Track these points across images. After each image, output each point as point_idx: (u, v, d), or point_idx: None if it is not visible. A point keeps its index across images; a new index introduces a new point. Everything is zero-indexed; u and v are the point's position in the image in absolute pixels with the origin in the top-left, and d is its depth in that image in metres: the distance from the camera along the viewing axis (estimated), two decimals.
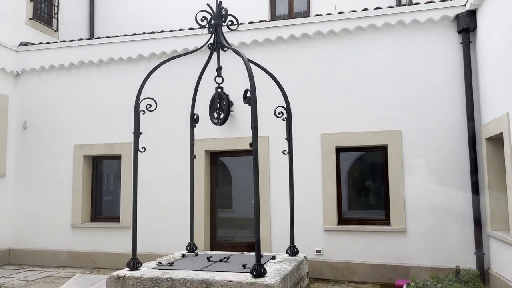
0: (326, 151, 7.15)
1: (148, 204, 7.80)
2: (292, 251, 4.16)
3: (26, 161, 8.77)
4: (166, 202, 7.78)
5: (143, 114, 3.73)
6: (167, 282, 3.25)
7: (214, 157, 7.96)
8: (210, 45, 4.03)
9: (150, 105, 3.73)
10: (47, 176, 8.58)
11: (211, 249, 7.76)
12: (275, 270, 3.43)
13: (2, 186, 8.54)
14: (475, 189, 6.38)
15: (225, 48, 3.98)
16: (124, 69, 8.33)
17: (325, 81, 7.25)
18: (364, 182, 7.49)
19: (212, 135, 7.60)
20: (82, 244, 8.22)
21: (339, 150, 7.27)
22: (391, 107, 6.90)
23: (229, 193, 8.33)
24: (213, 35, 4.01)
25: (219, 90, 4.00)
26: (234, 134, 7.57)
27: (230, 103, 7.37)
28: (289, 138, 4.33)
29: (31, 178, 8.68)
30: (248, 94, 3.45)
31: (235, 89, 6.78)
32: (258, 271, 3.17)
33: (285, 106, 4.32)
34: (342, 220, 7.17)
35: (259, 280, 3.09)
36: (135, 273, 3.40)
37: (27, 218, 8.61)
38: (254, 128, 3.29)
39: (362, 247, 6.86)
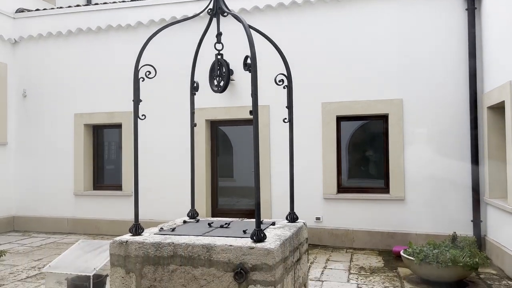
0: (327, 120, 7.15)
1: (149, 173, 7.87)
2: (292, 217, 4.22)
3: (27, 130, 8.79)
4: (168, 170, 7.84)
5: (142, 81, 3.69)
6: (169, 247, 3.32)
7: (215, 126, 7.96)
8: (209, 11, 3.95)
9: (150, 72, 3.69)
10: (49, 145, 8.63)
11: (213, 217, 7.89)
12: (274, 235, 3.49)
13: (4, 155, 8.60)
14: (475, 158, 6.41)
15: (225, 14, 3.89)
16: (123, 36, 8.21)
17: (326, 49, 7.16)
18: (364, 151, 7.52)
19: (212, 104, 7.57)
20: (86, 211, 8.35)
21: (339, 119, 7.26)
22: (393, 75, 6.84)
23: (230, 162, 8.38)
24: (212, 0, 3.92)
25: (219, 57, 3.94)
26: (234, 103, 7.54)
27: (230, 72, 7.37)
28: (290, 106, 4.29)
29: (32, 147, 8.73)
30: (248, 61, 3.40)
31: (235, 57, 6.69)
32: (258, 236, 3.22)
33: (286, 74, 4.26)
34: (341, 188, 7.25)
35: (259, 245, 3.14)
36: (137, 238, 3.46)
37: (30, 186, 8.72)
38: (255, 95, 3.27)
39: (361, 215, 6.96)
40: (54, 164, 8.57)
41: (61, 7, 8.77)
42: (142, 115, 3.69)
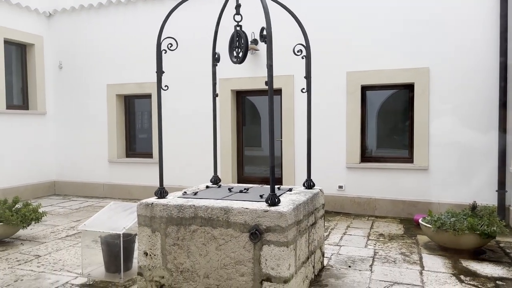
0: (351, 90, 7.15)
1: (177, 141, 8.19)
2: (309, 184, 4.39)
3: (64, 100, 9.26)
4: (194, 138, 8.12)
5: (165, 53, 3.87)
6: (190, 209, 3.58)
7: (240, 96, 8.11)
8: None
9: (171, 44, 3.86)
10: (84, 114, 9.07)
11: (239, 184, 8.16)
12: (289, 200, 3.68)
13: (44, 124, 9.13)
14: (503, 128, 6.29)
15: None
16: (150, 7, 8.37)
17: (351, 17, 7.08)
18: (389, 121, 7.49)
19: (237, 74, 7.70)
20: (119, 177, 8.83)
21: (364, 89, 7.25)
22: (420, 43, 6.70)
23: (258, 132, 8.55)
24: None
25: (238, 28, 4.05)
26: (259, 73, 7.63)
27: (255, 41, 7.43)
28: (308, 77, 4.39)
29: (69, 116, 9.21)
30: (264, 32, 3.51)
31: (258, 26, 6.77)
32: (272, 200, 3.43)
33: (304, 44, 4.32)
34: (365, 157, 7.31)
35: (272, 208, 3.35)
36: (162, 201, 3.75)
37: (68, 153, 9.26)
38: (270, 66, 3.39)
39: (384, 184, 7.04)
40: (90, 133, 9.04)
41: None
42: (165, 86, 3.88)
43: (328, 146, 7.28)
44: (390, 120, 7.49)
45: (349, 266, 4.52)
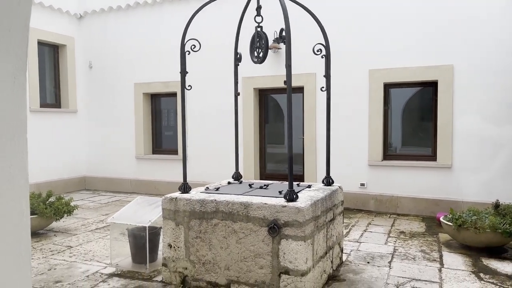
0: (374, 87, 7.15)
1: (201, 138, 8.39)
2: (328, 181, 4.48)
3: (93, 99, 9.61)
4: (218, 136, 8.29)
5: (188, 54, 4.03)
6: (212, 203, 3.74)
7: (263, 94, 8.23)
8: None
9: (195, 46, 4.02)
10: (112, 112, 9.40)
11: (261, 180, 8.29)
12: (307, 196, 3.79)
13: (75, 121, 9.51)
14: None
15: None
16: (176, 7, 8.59)
17: (373, 15, 7.08)
18: (412, 118, 7.46)
19: (260, 72, 7.81)
20: (146, 173, 9.11)
21: (387, 86, 7.24)
22: (444, 40, 6.65)
23: (281, 129, 8.64)
24: None
25: (259, 29, 4.16)
26: (281, 71, 7.68)
27: (278, 40, 7.52)
28: (327, 75, 4.46)
29: (99, 114, 9.56)
30: (284, 34, 3.61)
31: (281, 25, 6.91)
32: (290, 196, 3.54)
33: (324, 44, 4.40)
34: (387, 155, 7.31)
35: (290, 204, 3.46)
36: (185, 195, 3.92)
37: (98, 150, 9.62)
38: (288, 66, 3.49)
39: (406, 181, 7.02)
40: (118, 130, 9.36)
41: None
42: (189, 86, 4.04)
43: (350, 143, 7.32)
44: (413, 118, 7.45)
45: (368, 262, 4.59)
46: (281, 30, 3.61)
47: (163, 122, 9.47)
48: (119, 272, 4.23)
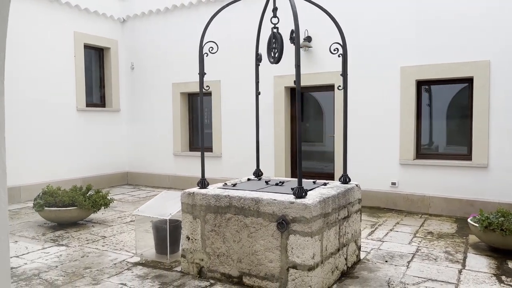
0: (406, 85, 7.02)
1: (233, 136, 8.61)
2: (344, 179, 4.50)
3: (135, 98, 10.12)
4: (248, 134, 8.45)
5: (206, 56, 4.23)
6: (225, 199, 3.91)
7: (294, 92, 8.30)
8: None
9: (212, 48, 4.20)
10: (152, 111, 9.85)
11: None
12: (318, 193, 3.86)
13: (118, 120, 10.07)
14: None
15: None
16: (210, 10, 8.83)
17: (404, 10, 6.94)
18: (446, 116, 7.23)
19: (291, 71, 7.86)
20: (183, 169, 9.48)
21: (420, 84, 7.08)
22: (479, 35, 6.40)
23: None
24: None
25: (275, 30, 4.27)
26: (312, 69, 7.76)
27: (308, 39, 7.56)
28: (344, 74, 4.48)
29: (139, 113, 10.06)
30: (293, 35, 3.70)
31: (311, 24, 7.00)
32: (299, 193, 3.63)
33: (341, 43, 4.43)
34: (420, 154, 7.15)
35: (298, 200, 3.56)
36: (202, 191, 4.12)
37: (139, 147, 10.13)
38: (297, 66, 3.59)
39: (439, 181, 6.84)
40: (157, 128, 9.80)
41: None
42: (207, 86, 4.24)
43: (381, 142, 7.23)
44: (447, 116, 7.22)
45: (386, 261, 4.57)
46: (291, 31, 3.69)
47: (199, 120, 9.78)
48: (143, 262, 4.52)
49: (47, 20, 8.48)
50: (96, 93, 9.91)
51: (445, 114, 7.22)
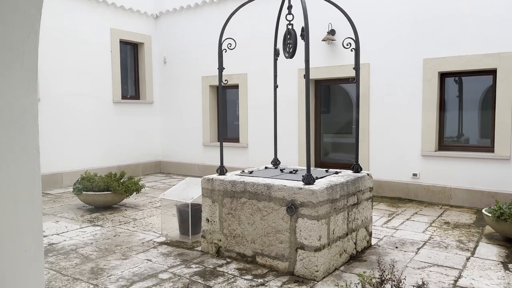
0: (428, 77, 7.06)
1: (259, 127, 8.91)
2: (356, 168, 4.72)
3: (167, 91, 10.62)
4: (273, 125, 8.72)
5: (225, 52, 4.54)
6: (241, 184, 4.23)
7: (319, 84, 8.49)
8: None
9: (231, 44, 4.51)
10: (183, 103, 10.32)
11: None
12: (328, 181, 4.11)
13: (152, 111, 10.61)
14: None
15: None
16: (238, 4, 9.12)
17: (427, 2, 6.96)
18: (469, 108, 7.22)
19: (315, 64, 8.08)
20: (211, 159, 9.87)
21: (443, 75, 7.10)
22: (503, 26, 6.36)
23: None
24: None
25: (290, 27, 4.51)
26: (336, 62, 7.92)
27: (332, 32, 7.72)
28: (357, 68, 4.68)
29: (171, 105, 10.55)
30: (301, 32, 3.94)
31: (335, 17, 7.19)
32: (308, 179, 3.90)
33: (354, 38, 4.62)
34: (442, 146, 7.19)
35: (306, 187, 3.83)
36: (220, 177, 4.47)
37: (171, 137, 10.64)
38: (306, 61, 3.83)
39: (461, 173, 6.87)
40: (188, 119, 10.26)
41: None
42: (225, 80, 4.55)
43: (403, 133, 7.32)
44: (470, 107, 7.21)
45: (396, 247, 4.76)
46: (302, 28, 3.93)
47: (228, 112, 10.15)
48: (168, 241, 4.93)
49: (86, 17, 9.06)
50: (131, 86, 10.47)
51: (469, 106, 7.20)
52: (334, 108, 8.93)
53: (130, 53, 10.41)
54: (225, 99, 10.11)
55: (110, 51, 9.54)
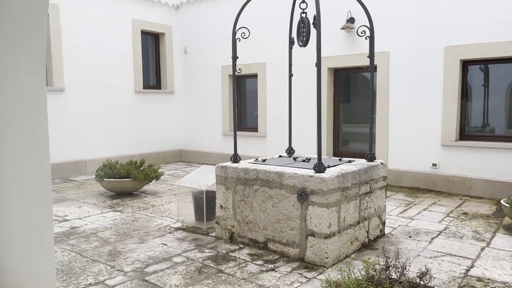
0: (450, 65, 6.92)
1: (277, 116, 8.92)
2: (370, 157, 4.70)
3: (187, 81, 10.75)
4: (294, 113, 8.72)
5: (239, 41, 4.58)
6: (253, 172, 4.30)
7: (337, 73, 8.43)
8: None
9: (244, 33, 4.55)
10: (203, 93, 10.43)
11: None
12: (339, 169, 4.12)
13: (172, 101, 10.78)
14: None
15: None
16: None
17: None
18: (492, 97, 7.03)
19: (334, 52, 8.03)
20: (230, 148, 9.92)
21: (465, 64, 6.94)
22: None
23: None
24: None
25: (303, 15, 4.51)
26: (354, 50, 7.84)
27: (352, 20, 7.64)
28: (371, 56, 4.64)
29: (191, 94, 10.69)
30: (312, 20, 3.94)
31: (355, 6, 7.12)
32: (319, 167, 3.93)
33: (368, 26, 4.58)
34: (463, 135, 7.05)
35: (317, 175, 3.86)
36: (233, 164, 4.54)
37: (191, 126, 10.80)
38: (318, 50, 3.83)
39: (482, 163, 6.74)
40: (207, 108, 10.38)
41: None
42: (239, 69, 4.62)
43: (423, 123, 7.22)
44: (496, 96, 7.03)
45: (410, 237, 4.75)
46: (314, 16, 3.93)
47: (247, 101, 10.21)
48: (184, 227, 5.07)
49: (108, 9, 9.24)
50: (153, 76, 10.65)
51: (495, 94, 7.02)
52: (354, 97, 8.85)
53: (152, 43, 10.57)
54: (244, 88, 10.16)
55: (132, 41, 9.72)
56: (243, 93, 10.22)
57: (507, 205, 4.84)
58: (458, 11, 6.73)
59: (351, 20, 7.74)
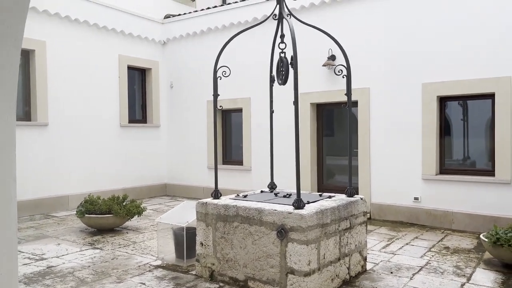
0: (427, 101, 7.12)
1: (262, 150, 9.00)
2: (350, 192, 4.75)
3: (173, 115, 10.83)
4: (275, 149, 8.78)
5: (220, 79, 4.69)
6: (233, 208, 4.30)
7: (320, 108, 8.59)
8: (274, 16, 4.69)
9: (225, 72, 4.66)
10: (189, 127, 10.50)
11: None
12: (318, 205, 4.15)
13: (158, 135, 10.80)
14: None
15: (288, 16, 4.54)
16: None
17: (425, 27, 7.08)
18: (469, 132, 7.22)
19: (316, 88, 8.22)
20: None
21: (442, 100, 7.15)
22: (501, 51, 6.42)
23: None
24: (277, 7, 4.65)
25: (282, 55, 4.65)
26: (336, 86, 8.02)
27: (333, 57, 7.86)
28: (348, 94, 4.77)
29: (177, 128, 10.74)
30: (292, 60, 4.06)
31: (333, 43, 7.32)
32: (298, 204, 3.95)
33: (345, 65, 4.74)
34: (443, 169, 7.17)
35: (295, 211, 3.88)
36: (214, 201, 4.54)
37: (176, 160, 10.78)
38: (295, 89, 3.94)
39: (462, 196, 6.83)
40: (193, 142, 10.41)
41: (196, 11, 10.43)
42: (220, 106, 4.69)
43: (404, 157, 7.33)
44: (473, 131, 7.21)
45: (391, 273, 4.73)
46: (291, 57, 4.05)
47: (232, 135, 10.28)
48: (164, 265, 4.99)
49: (95, 44, 9.38)
50: (138, 110, 10.71)
51: (472, 129, 7.20)
52: (338, 131, 8.98)
53: (138, 78, 10.69)
54: (230, 122, 10.26)
55: (118, 76, 9.82)
56: (229, 127, 10.30)
57: (486, 240, 4.89)
58: (436, 49, 6.99)
59: (332, 58, 7.97)
